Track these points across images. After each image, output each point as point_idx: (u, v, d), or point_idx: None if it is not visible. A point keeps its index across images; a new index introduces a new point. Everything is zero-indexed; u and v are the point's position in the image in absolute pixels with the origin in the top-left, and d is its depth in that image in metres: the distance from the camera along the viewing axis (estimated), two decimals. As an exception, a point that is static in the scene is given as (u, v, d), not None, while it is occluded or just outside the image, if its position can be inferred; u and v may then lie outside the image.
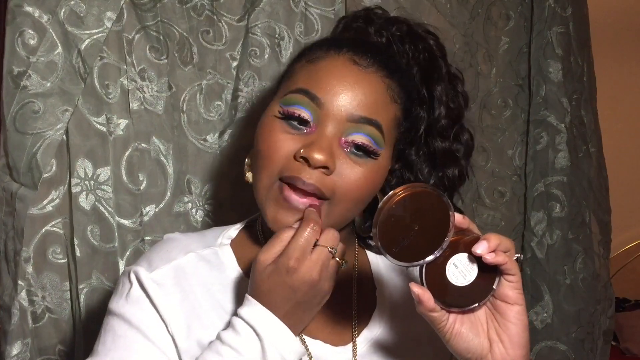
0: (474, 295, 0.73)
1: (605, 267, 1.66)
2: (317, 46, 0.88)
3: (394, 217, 0.70)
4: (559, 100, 1.53)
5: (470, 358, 0.73)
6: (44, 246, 1.12)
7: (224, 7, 1.22)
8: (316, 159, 0.77)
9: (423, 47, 0.92)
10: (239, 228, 0.94)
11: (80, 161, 1.12)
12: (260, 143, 0.82)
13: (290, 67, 0.89)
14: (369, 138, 0.80)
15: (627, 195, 3.03)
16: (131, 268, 0.84)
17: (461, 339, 0.73)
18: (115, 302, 0.83)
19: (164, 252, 0.87)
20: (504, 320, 0.73)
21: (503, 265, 0.70)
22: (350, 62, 0.83)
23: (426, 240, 0.70)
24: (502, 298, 0.73)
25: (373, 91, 0.82)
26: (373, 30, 0.93)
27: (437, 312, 0.71)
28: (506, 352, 0.73)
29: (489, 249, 0.69)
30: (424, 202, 0.70)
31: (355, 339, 0.88)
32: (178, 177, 1.20)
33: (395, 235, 0.70)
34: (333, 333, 0.88)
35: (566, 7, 1.54)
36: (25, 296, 1.10)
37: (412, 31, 0.93)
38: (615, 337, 2.94)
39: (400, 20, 0.94)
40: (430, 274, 0.72)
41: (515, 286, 0.72)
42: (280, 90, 0.87)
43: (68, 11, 1.09)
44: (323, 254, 0.75)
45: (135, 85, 1.16)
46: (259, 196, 0.82)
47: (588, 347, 1.60)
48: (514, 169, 1.55)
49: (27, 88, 1.07)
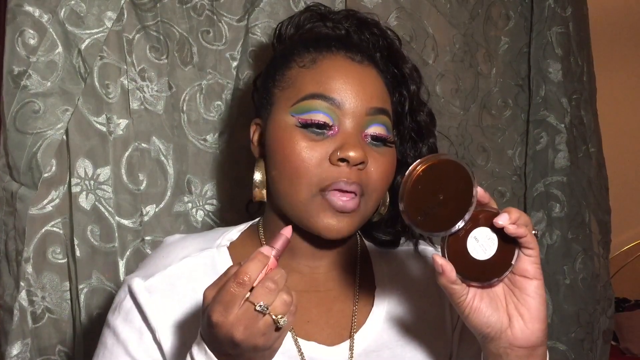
0: (494, 270, 0.73)
1: (605, 267, 1.66)
2: (301, 49, 0.88)
3: (421, 184, 0.71)
4: (558, 100, 1.54)
5: (490, 333, 0.73)
6: (43, 246, 1.12)
7: (224, 7, 1.22)
8: (354, 157, 0.80)
9: (379, 33, 0.94)
10: (241, 230, 0.94)
11: (80, 161, 1.12)
12: (286, 157, 0.83)
13: (280, 75, 0.88)
14: (384, 127, 0.85)
15: (627, 195, 3.04)
16: (128, 278, 0.87)
17: (480, 314, 0.73)
18: (110, 313, 0.87)
19: (160, 258, 0.89)
20: (523, 295, 0.73)
21: (523, 239, 0.71)
22: (347, 59, 0.86)
23: (450, 211, 0.71)
24: (521, 273, 0.73)
25: (375, 83, 0.86)
26: (331, 25, 0.94)
27: (458, 285, 0.71)
28: (526, 326, 0.73)
29: (511, 221, 0.70)
30: (449, 172, 0.71)
31: (354, 335, 0.88)
32: (178, 177, 1.20)
33: (421, 203, 0.71)
34: (330, 333, 0.88)
35: (566, 7, 1.54)
36: (25, 296, 1.10)
37: (364, 20, 0.95)
38: (615, 337, 2.94)
39: (349, 12, 0.96)
40: (452, 246, 0.72)
41: (535, 260, 0.72)
42: (281, 100, 0.86)
43: (68, 11, 1.09)
44: (248, 312, 0.66)
45: (136, 85, 1.16)
46: (299, 210, 0.83)
47: (587, 347, 1.60)
48: (514, 169, 1.55)
49: (27, 88, 1.07)
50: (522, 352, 0.73)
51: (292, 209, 0.84)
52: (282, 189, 0.84)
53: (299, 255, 0.90)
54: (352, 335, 0.87)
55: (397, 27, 1.37)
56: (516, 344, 0.73)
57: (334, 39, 0.90)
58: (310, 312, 0.88)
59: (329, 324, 0.88)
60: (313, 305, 0.89)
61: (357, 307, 0.90)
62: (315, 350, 0.85)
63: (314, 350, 0.85)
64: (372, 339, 0.88)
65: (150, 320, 0.83)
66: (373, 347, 0.88)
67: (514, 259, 0.73)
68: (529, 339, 0.73)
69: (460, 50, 1.45)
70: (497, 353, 0.74)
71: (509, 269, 0.73)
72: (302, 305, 0.88)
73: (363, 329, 0.88)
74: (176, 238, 0.93)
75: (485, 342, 0.75)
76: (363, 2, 1.33)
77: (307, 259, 0.90)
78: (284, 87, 0.87)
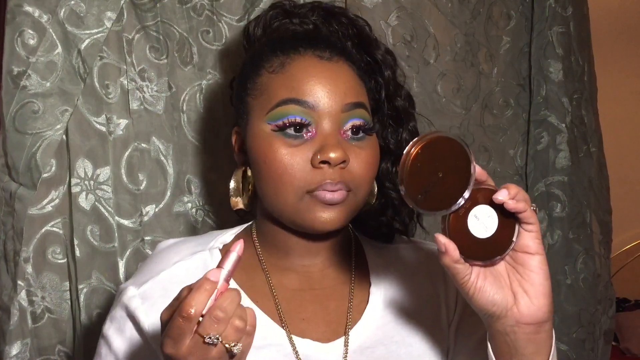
0: (496, 248, 0.72)
1: (606, 267, 1.66)
2: (269, 54, 0.88)
3: (420, 162, 0.71)
4: (559, 100, 1.53)
5: (495, 312, 0.72)
6: (43, 246, 1.11)
7: (224, 7, 1.22)
8: (335, 158, 0.81)
9: (346, 22, 0.93)
10: (234, 233, 0.95)
11: (80, 161, 1.12)
12: (268, 164, 0.83)
13: (251, 82, 0.88)
14: (361, 119, 0.85)
15: (627, 195, 3.04)
16: (121, 287, 0.88)
17: (485, 293, 0.72)
18: (105, 323, 0.88)
19: (153, 264, 0.90)
20: (526, 271, 0.72)
21: (522, 214, 0.70)
22: (316, 58, 0.86)
23: (450, 189, 0.70)
24: (523, 249, 0.72)
25: (347, 77, 0.86)
26: (298, 21, 0.94)
27: (461, 264, 0.71)
28: (531, 302, 0.72)
29: (510, 197, 0.69)
30: (447, 149, 0.71)
31: (349, 331, 0.88)
32: (178, 177, 1.20)
33: (421, 182, 0.71)
34: (326, 330, 0.88)
35: (567, 6, 1.54)
36: (25, 296, 1.10)
37: (330, 11, 0.94)
38: (615, 337, 2.94)
39: (313, 4, 0.95)
40: (453, 226, 0.72)
41: (536, 235, 0.72)
42: (255, 108, 0.87)
43: (68, 11, 1.09)
44: (198, 344, 0.65)
45: (135, 85, 1.16)
46: (287, 212, 0.84)
47: (589, 347, 1.60)
48: (515, 169, 1.55)
49: (26, 88, 1.07)
50: (529, 328, 0.73)
51: (281, 211, 0.85)
52: (270, 195, 0.85)
53: (293, 255, 0.91)
54: (347, 332, 0.87)
55: (398, 27, 1.37)
56: (523, 321, 0.72)
57: (301, 37, 0.89)
58: (306, 310, 0.88)
59: (324, 321, 0.88)
60: (308, 303, 0.89)
61: (352, 304, 0.90)
62: (309, 347, 0.85)
63: (309, 347, 0.85)
64: (367, 336, 0.88)
65: (144, 327, 0.84)
66: (368, 343, 0.87)
67: (515, 235, 0.72)
68: (535, 315, 0.72)
69: (462, 49, 1.44)
70: (504, 331, 0.73)
71: (511, 245, 0.72)
72: (298, 303, 0.89)
73: (358, 326, 0.88)
74: (169, 243, 0.94)
75: (492, 322, 0.74)
76: (363, 2, 1.33)
77: (301, 258, 0.91)
78: (257, 95, 0.87)
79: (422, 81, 1.40)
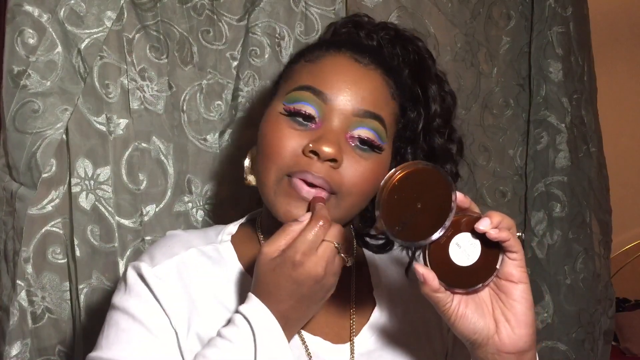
0: (478, 276, 0.72)
1: (606, 267, 1.66)
2: (314, 47, 0.89)
3: (397, 194, 0.71)
4: (559, 100, 1.53)
5: (477, 339, 0.73)
6: (43, 246, 1.11)
7: (224, 6, 1.22)
8: (326, 152, 0.79)
9: (412, 49, 0.93)
10: (238, 224, 0.95)
11: (80, 161, 1.12)
12: (266, 141, 0.83)
13: (288, 69, 0.90)
14: (374, 132, 0.83)
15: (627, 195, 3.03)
16: (134, 264, 0.85)
17: (466, 321, 0.72)
18: (119, 297, 0.84)
19: (166, 247, 0.88)
20: (509, 299, 0.72)
21: (506, 242, 0.70)
22: (352, 59, 0.85)
23: (429, 219, 0.70)
24: (507, 277, 0.72)
25: (375, 87, 0.84)
26: (364, 34, 0.94)
27: (442, 293, 0.71)
28: (513, 332, 0.72)
29: (492, 226, 0.69)
30: (426, 179, 0.71)
31: (354, 338, 0.88)
32: (178, 176, 1.20)
33: (398, 213, 0.70)
34: (333, 331, 0.88)
35: (566, 6, 1.54)
36: (25, 296, 1.10)
37: (400, 34, 0.94)
38: (615, 337, 2.94)
39: (388, 25, 0.96)
40: (433, 254, 0.71)
41: (519, 264, 0.72)
42: (280, 90, 0.87)
43: (68, 10, 1.09)
44: (329, 249, 0.74)
45: (136, 85, 1.16)
46: (267, 193, 0.83)
47: (588, 347, 1.60)
48: (515, 169, 1.55)
49: (26, 87, 1.07)
50: (510, 357, 0.73)
51: (263, 193, 0.84)
52: (258, 172, 0.85)
53: None
54: (352, 339, 0.88)
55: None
56: (504, 350, 0.72)
57: (346, 41, 0.90)
58: None
59: (328, 322, 0.88)
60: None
61: (354, 310, 0.90)
62: (319, 345, 0.86)
63: (319, 345, 0.86)
64: (372, 342, 0.88)
65: (165, 305, 0.82)
66: (373, 349, 0.88)
67: (498, 264, 0.72)
68: (516, 344, 0.72)
69: (462, 49, 1.45)
70: (486, 359, 0.74)
71: (494, 273, 0.72)
72: None
73: (363, 332, 0.89)
74: (178, 232, 0.93)
75: (473, 349, 0.74)
76: (364, 2, 1.32)
77: None
78: (286, 79, 0.88)
79: (422, 81, 1.40)
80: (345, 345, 0.87)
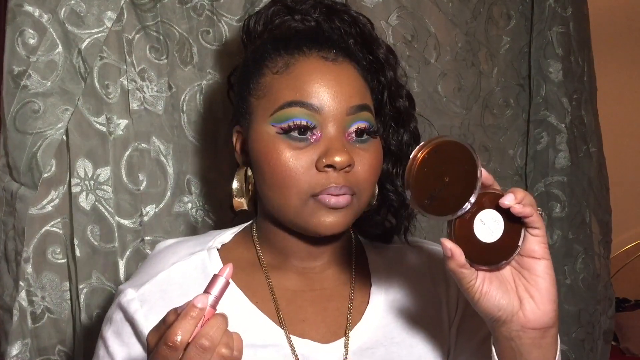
0: (502, 252, 0.72)
1: (606, 267, 1.66)
2: (273, 54, 0.87)
3: (426, 166, 0.71)
4: (559, 100, 1.54)
5: (501, 316, 0.72)
6: (43, 246, 1.11)
7: (224, 7, 1.22)
8: (340, 162, 0.80)
9: (350, 20, 0.92)
10: (234, 232, 0.95)
11: (80, 161, 1.12)
12: (272, 167, 0.82)
13: (254, 82, 0.87)
14: (367, 122, 0.84)
15: (627, 195, 3.03)
16: (120, 289, 0.87)
17: (491, 298, 0.71)
18: (104, 324, 0.87)
19: (151, 266, 0.89)
20: (532, 276, 0.72)
21: (529, 218, 0.70)
22: (321, 59, 0.85)
23: (456, 193, 0.70)
24: (529, 254, 0.72)
25: (352, 79, 0.85)
26: (300, 18, 0.92)
27: (467, 269, 0.70)
28: (537, 308, 0.72)
29: (517, 201, 0.69)
30: (454, 153, 0.71)
31: (348, 336, 0.87)
32: (178, 177, 1.20)
33: (427, 187, 0.70)
34: (326, 331, 0.87)
35: (566, 6, 1.54)
36: (25, 296, 1.10)
37: (332, 8, 0.93)
38: (615, 337, 2.94)
39: (315, 1, 0.94)
40: (459, 230, 0.71)
41: (542, 240, 0.71)
42: (259, 109, 0.86)
43: (68, 11, 1.09)
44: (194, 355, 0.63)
45: (135, 85, 1.16)
46: (289, 213, 0.84)
47: (588, 347, 1.60)
48: (515, 169, 1.55)
49: (27, 87, 1.07)
50: (534, 334, 0.72)
51: (284, 214, 0.85)
52: (273, 198, 0.84)
53: (294, 257, 0.90)
54: (347, 333, 0.87)
55: (399, 27, 1.37)
56: (528, 326, 0.72)
57: (305, 37, 0.88)
58: (306, 311, 0.88)
59: (324, 322, 0.88)
60: (308, 303, 0.89)
61: (352, 305, 0.90)
62: (309, 347, 0.85)
63: (308, 347, 0.85)
64: (367, 337, 0.88)
65: (143, 332, 0.83)
66: (368, 344, 0.87)
67: (520, 240, 0.71)
68: (541, 320, 0.72)
69: (462, 49, 1.45)
70: (509, 336, 0.73)
71: (517, 250, 0.72)
72: (297, 304, 0.89)
73: (358, 327, 0.88)
74: (167, 244, 0.93)
75: (497, 326, 0.74)
76: (363, 2, 1.33)
77: (302, 260, 0.91)
78: (260, 96, 0.86)
79: (423, 81, 1.40)
80: (337, 343, 0.86)
